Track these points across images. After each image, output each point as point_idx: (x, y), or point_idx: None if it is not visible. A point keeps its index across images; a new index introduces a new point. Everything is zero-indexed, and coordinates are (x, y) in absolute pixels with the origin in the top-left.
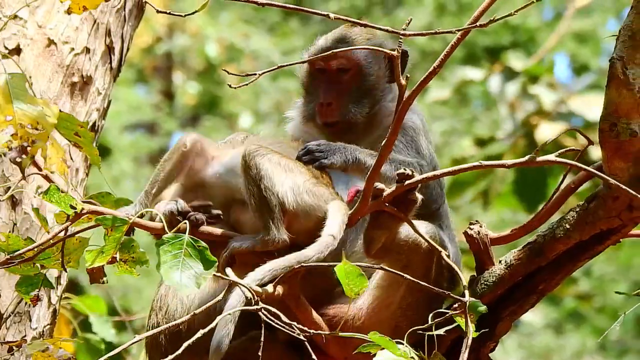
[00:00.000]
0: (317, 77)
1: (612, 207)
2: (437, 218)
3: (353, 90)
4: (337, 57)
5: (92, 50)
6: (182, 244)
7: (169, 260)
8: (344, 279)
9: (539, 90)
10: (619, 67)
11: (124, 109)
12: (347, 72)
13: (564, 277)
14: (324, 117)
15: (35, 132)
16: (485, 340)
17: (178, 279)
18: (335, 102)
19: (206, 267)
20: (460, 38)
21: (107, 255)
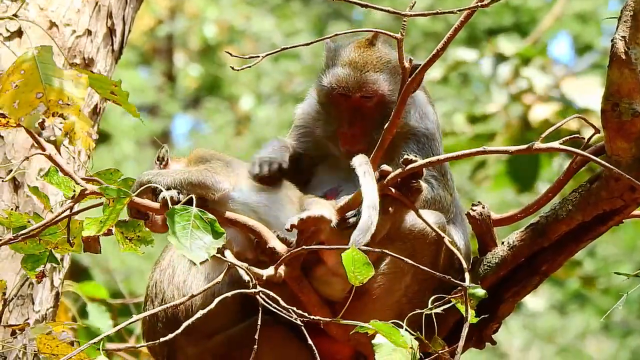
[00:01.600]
0: (338, 102)
1: (614, 187)
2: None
3: (375, 117)
4: (364, 88)
5: (93, 32)
6: (190, 216)
7: (178, 231)
8: (350, 266)
9: (530, 73)
10: (620, 47)
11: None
12: (371, 99)
13: (566, 258)
14: (348, 145)
15: (66, 107)
16: (488, 321)
17: (188, 248)
18: (359, 132)
19: (215, 237)
20: (464, 20)
21: (106, 226)
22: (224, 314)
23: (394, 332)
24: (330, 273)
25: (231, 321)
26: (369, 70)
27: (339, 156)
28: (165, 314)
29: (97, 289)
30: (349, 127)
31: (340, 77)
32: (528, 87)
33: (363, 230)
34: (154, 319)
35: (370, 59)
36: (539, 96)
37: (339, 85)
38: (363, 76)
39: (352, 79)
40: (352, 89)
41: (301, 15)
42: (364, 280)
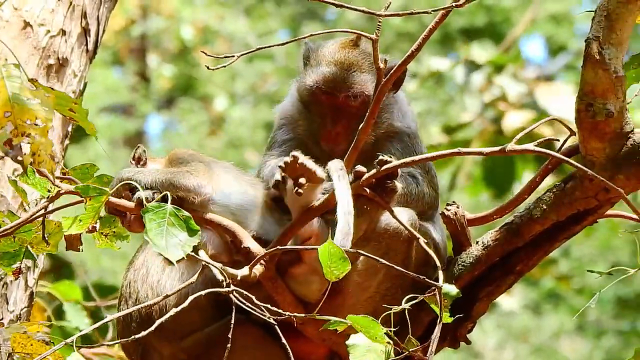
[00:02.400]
0: (322, 100)
1: (588, 187)
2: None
3: (360, 117)
4: (351, 90)
5: (68, 32)
6: (165, 213)
7: (153, 228)
8: (326, 261)
9: (503, 82)
10: (594, 47)
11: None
12: (355, 99)
13: (541, 258)
14: (331, 143)
15: (34, 127)
16: (463, 321)
17: (164, 246)
18: (342, 132)
19: (191, 234)
20: (439, 21)
21: (85, 224)
22: (198, 314)
23: (371, 325)
24: (307, 272)
25: (205, 321)
26: (355, 70)
27: (319, 156)
28: (140, 314)
29: (71, 289)
30: (332, 126)
31: (326, 76)
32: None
33: (343, 235)
34: (128, 319)
35: (355, 59)
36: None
37: (326, 85)
38: (350, 76)
39: (339, 79)
40: (339, 88)
41: (275, 15)
42: (341, 276)
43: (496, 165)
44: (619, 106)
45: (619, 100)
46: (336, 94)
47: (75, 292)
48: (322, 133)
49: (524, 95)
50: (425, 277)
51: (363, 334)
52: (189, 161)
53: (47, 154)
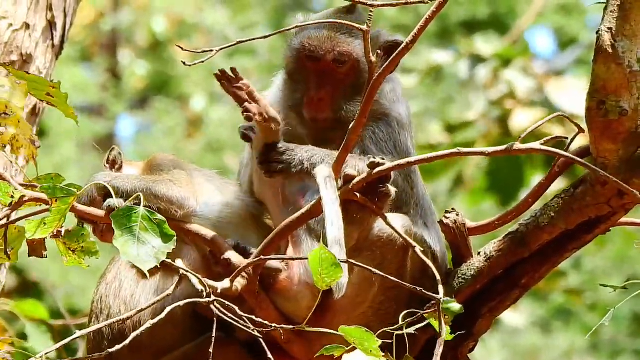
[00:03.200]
0: (307, 66)
1: (600, 192)
2: (422, 216)
3: (347, 85)
4: (337, 49)
5: (32, 25)
6: (138, 217)
7: (124, 234)
8: (317, 267)
9: (511, 76)
10: (607, 40)
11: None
12: (344, 65)
13: (549, 270)
14: (313, 112)
15: (5, 117)
16: (464, 339)
17: (135, 254)
18: (327, 98)
19: (165, 240)
20: (436, 10)
21: (49, 228)
22: (175, 331)
23: (365, 337)
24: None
25: (183, 339)
26: (344, 32)
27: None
28: (112, 331)
29: (36, 308)
30: (316, 91)
31: (312, 36)
32: (509, 91)
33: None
34: (99, 336)
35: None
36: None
37: (310, 45)
38: (337, 37)
39: (326, 39)
40: (325, 50)
41: (257, 6)
42: (332, 283)
43: (501, 169)
44: (633, 104)
45: (633, 97)
46: (321, 54)
47: (41, 312)
48: (306, 100)
49: (534, 91)
50: (422, 289)
51: (357, 347)
52: (170, 168)
53: (26, 138)
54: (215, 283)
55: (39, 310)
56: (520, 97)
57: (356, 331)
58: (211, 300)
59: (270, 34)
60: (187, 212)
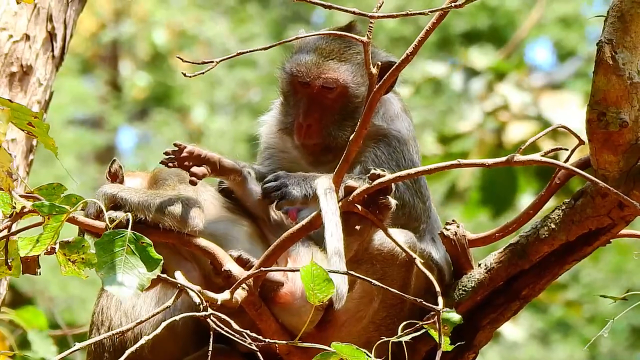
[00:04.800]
0: (298, 90)
1: (601, 204)
2: (429, 230)
3: (336, 111)
4: (323, 76)
5: (32, 37)
6: (124, 240)
7: (109, 260)
8: (309, 283)
9: (505, 90)
10: (607, 51)
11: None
12: (332, 91)
13: (548, 282)
14: (302, 138)
15: None
16: (464, 350)
17: (120, 282)
18: (315, 124)
19: (149, 267)
20: (436, 22)
21: (42, 245)
22: (175, 343)
23: (357, 355)
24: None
25: (185, 351)
26: (333, 58)
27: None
28: (113, 343)
29: (36, 316)
30: (304, 118)
31: (301, 62)
32: (503, 104)
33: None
34: (100, 348)
35: (337, 47)
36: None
37: (299, 71)
38: (325, 64)
39: (313, 66)
40: (312, 76)
41: (258, 18)
42: (325, 299)
43: (496, 181)
44: (634, 115)
45: (634, 109)
46: (309, 81)
47: (41, 320)
48: (296, 126)
49: (528, 105)
50: (422, 301)
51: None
52: (176, 183)
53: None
54: (215, 295)
55: (39, 319)
56: (515, 111)
57: (347, 348)
58: (208, 313)
59: (271, 46)
60: (191, 231)
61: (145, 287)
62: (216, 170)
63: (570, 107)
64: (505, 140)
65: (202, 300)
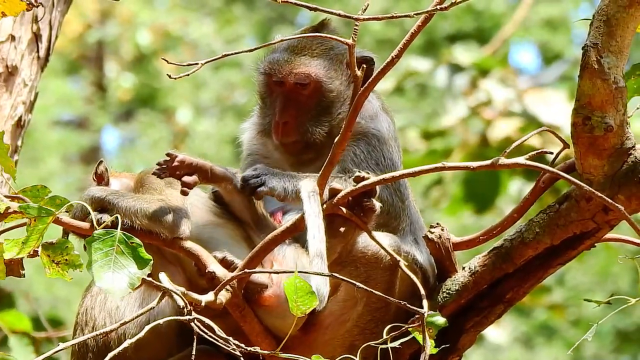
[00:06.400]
0: (274, 90)
1: (585, 208)
2: (412, 231)
3: (312, 107)
4: (295, 71)
5: (17, 38)
6: (114, 240)
7: (99, 258)
8: (292, 295)
9: (489, 86)
10: (592, 55)
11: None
12: (306, 87)
13: (533, 286)
14: (279, 136)
15: None
16: (448, 354)
17: (110, 280)
18: (292, 121)
19: (140, 266)
20: (421, 24)
21: (28, 247)
22: (159, 343)
23: None
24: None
25: (167, 351)
26: (305, 54)
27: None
28: (96, 343)
29: (19, 320)
30: (280, 115)
31: (273, 61)
32: (487, 100)
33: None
34: (83, 348)
35: (309, 44)
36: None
37: (272, 69)
38: (296, 60)
39: (285, 63)
40: (284, 73)
41: (243, 20)
42: (307, 311)
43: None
44: (619, 120)
45: (619, 113)
46: (282, 79)
47: (24, 323)
48: (273, 125)
49: (512, 101)
50: (406, 303)
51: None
52: (162, 187)
53: None
54: (199, 296)
55: (21, 322)
56: (499, 107)
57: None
58: (192, 318)
59: (256, 48)
60: (177, 237)
61: (136, 286)
62: (207, 179)
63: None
64: (489, 136)
65: (187, 304)
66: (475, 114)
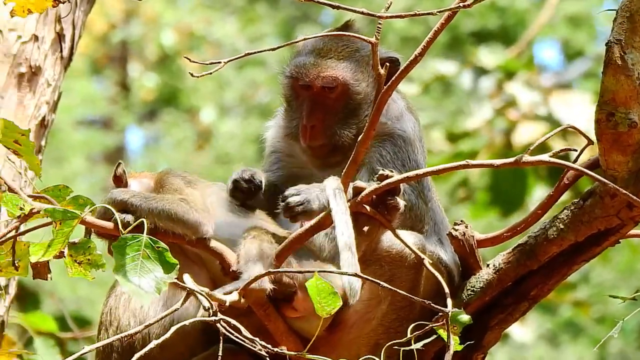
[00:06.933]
0: (300, 94)
1: (610, 204)
2: (436, 232)
3: (339, 110)
4: (322, 75)
5: (40, 38)
6: (140, 244)
7: (126, 263)
8: (316, 297)
9: (515, 89)
10: (616, 52)
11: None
12: (333, 90)
13: (557, 283)
14: (307, 140)
15: None
16: (473, 351)
17: (137, 284)
18: (319, 124)
19: (166, 270)
20: (445, 22)
21: (53, 250)
22: (183, 343)
23: None
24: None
25: (191, 350)
26: (331, 57)
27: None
28: (121, 343)
29: (44, 321)
30: (307, 119)
31: (299, 65)
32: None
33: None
34: (108, 348)
35: (335, 46)
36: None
37: (298, 73)
38: (323, 63)
39: (311, 66)
40: (311, 77)
41: (267, 18)
42: (332, 312)
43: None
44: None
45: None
46: (309, 83)
47: (49, 324)
48: (300, 129)
49: (538, 105)
50: (431, 303)
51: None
52: (182, 187)
53: None
54: (223, 296)
55: (47, 323)
56: (524, 110)
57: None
58: (217, 319)
59: (280, 46)
60: (200, 237)
61: (163, 290)
62: None
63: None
64: (514, 140)
65: (212, 305)
66: (500, 115)
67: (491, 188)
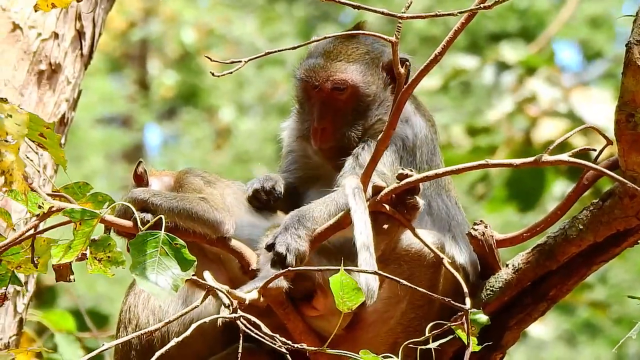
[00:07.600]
0: (311, 96)
1: (629, 205)
2: (450, 229)
3: (349, 112)
4: (332, 77)
5: (60, 35)
6: (158, 242)
7: (143, 260)
8: (338, 292)
9: (536, 85)
10: (636, 53)
11: (96, 100)
12: (343, 92)
13: (576, 283)
14: (318, 142)
15: (5, 144)
16: (491, 351)
17: (154, 282)
18: (329, 127)
19: (184, 267)
20: (464, 22)
21: (75, 251)
22: (203, 341)
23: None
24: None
25: (211, 348)
26: (341, 59)
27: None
28: (140, 342)
29: (63, 319)
30: (318, 122)
31: (309, 67)
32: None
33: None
34: (127, 346)
35: (345, 49)
36: (544, 111)
37: (309, 76)
38: (333, 65)
39: (321, 69)
40: (321, 79)
41: (286, 17)
42: (354, 307)
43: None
44: None
45: None
46: (319, 85)
47: (68, 322)
48: (311, 131)
49: (558, 101)
50: (451, 300)
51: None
52: (202, 187)
53: (19, 173)
54: (243, 294)
55: (66, 321)
56: (544, 106)
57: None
58: (237, 316)
59: (299, 45)
60: (220, 236)
61: (180, 287)
62: None
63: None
64: (534, 137)
65: (232, 302)
66: (519, 110)
67: (509, 183)
